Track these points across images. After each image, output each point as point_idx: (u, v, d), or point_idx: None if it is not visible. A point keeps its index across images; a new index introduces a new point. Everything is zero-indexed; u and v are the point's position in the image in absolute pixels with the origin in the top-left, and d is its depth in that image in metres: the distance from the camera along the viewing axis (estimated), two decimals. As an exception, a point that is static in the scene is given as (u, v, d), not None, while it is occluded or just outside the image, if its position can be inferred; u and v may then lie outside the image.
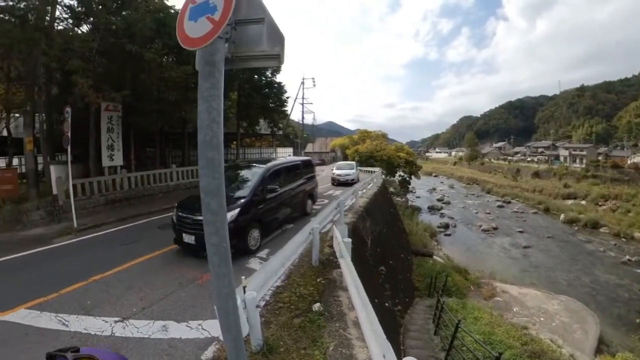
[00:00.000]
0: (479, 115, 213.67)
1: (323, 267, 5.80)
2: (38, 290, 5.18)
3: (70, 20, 12.95)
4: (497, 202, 46.32)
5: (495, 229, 32.35)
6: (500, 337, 9.75)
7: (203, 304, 4.56)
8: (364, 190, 15.15)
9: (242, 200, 6.60)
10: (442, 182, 70.33)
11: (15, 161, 16.72)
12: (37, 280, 5.86)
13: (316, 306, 4.37)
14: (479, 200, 48.38)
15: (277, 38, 1.93)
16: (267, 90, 23.90)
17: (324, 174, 33.25)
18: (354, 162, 23.34)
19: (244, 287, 3.06)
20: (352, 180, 18.48)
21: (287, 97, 26.55)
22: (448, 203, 45.54)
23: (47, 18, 11.24)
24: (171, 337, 3.86)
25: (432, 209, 41.30)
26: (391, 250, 12.88)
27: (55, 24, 12.00)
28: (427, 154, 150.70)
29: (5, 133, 16.49)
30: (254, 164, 8.32)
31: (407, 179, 37.32)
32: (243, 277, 3.08)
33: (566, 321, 14.07)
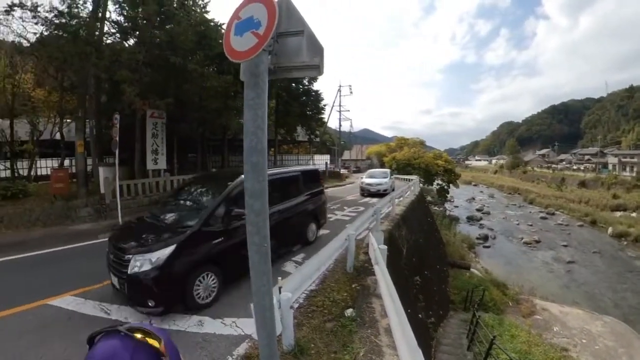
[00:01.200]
0: (520, 121, 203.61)
1: (357, 274, 5.81)
2: (83, 280, 5.63)
3: (118, 35, 14.11)
4: (540, 213, 43.46)
5: (537, 242, 30.40)
6: (537, 357, 9.25)
7: (237, 302, 4.71)
8: (401, 199, 15.00)
9: (184, 233, 4.52)
10: (481, 192, 67.27)
11: (67, 162, 18.31)
12: (82, 271, 6.36)
13: (349, 312, 4.39)
14: (520, 211, 45.77)
15: (317, 49, 2.02)
16: (304, 98, 24.46)
17: (359, 181, 33.08)
18: (388, 170, 21.19)
19: (280, 288, 3.15)
20: (385, 191, 16.81)
21: (324, 105, 27.09)
22: (488, 213, 43.47)
23: (97, 33, 12.34)
24: (205, 332, 4.03)
25: (470, 219, 39.57)
26: (427, 261, 12.55)
27: (104, 38, 13.13)
28: (466, 162, 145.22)
29: (58, 137, 18.10)
30: (229, 176, 5.95)
31: (446, 187, 36.27)
32: (279, 278, 3.18)
33: (611, 345, 12.92)
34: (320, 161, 35.09)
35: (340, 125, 44.48)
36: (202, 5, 17.00)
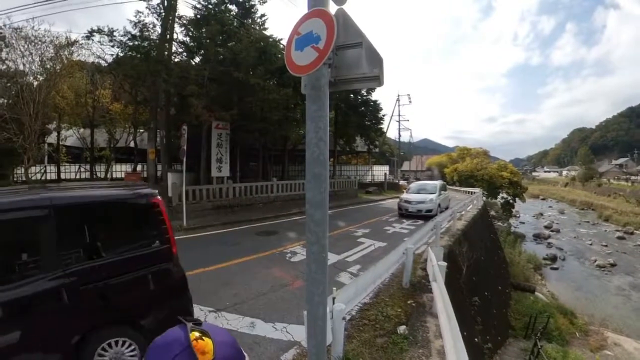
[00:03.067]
0: (593, 127, 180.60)
1: (414, 290, 5.60)
2: None
3: (185, 54, 15.48)
4: (617, 232, 38.10)
5: (612, 265, 26.67)
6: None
7: (291, 308, 4.78)
8: (463, 213, 14.30)
9: None
10: (550, 207, 61.11)
11: (139, 167, 20.32)
12: None
13: (401, 329, 4.23)
14: (594, 229, 40.68)
15: (376, 60, 2.02)
16: (363, 108, 24.49)
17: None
18: (438, 183, 16.07)
19: (334, 298, 3.15)
20: (429, 212, 13.02)
21: (383, 115, 26.76)
22: (557, 231, 39.21)
23: (166, 53, 13.67)
24: (256, 334, 4.13)
25: (537, 237, 35.97)
26: (488, 281, 11.73)
27: (173, 57, 14.48)
28: (533, 174, 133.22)
29: (132, 145, 20.24)
30: None
31: (511, 201, 33.67)
32: (334, 289, 3.18)
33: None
34: (379, 172, 34.64)
35: (399, 136, 43.59)
36: (260, 23, 18.05)
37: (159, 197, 3.27)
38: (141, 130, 19.84)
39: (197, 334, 0.79)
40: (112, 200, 3.16)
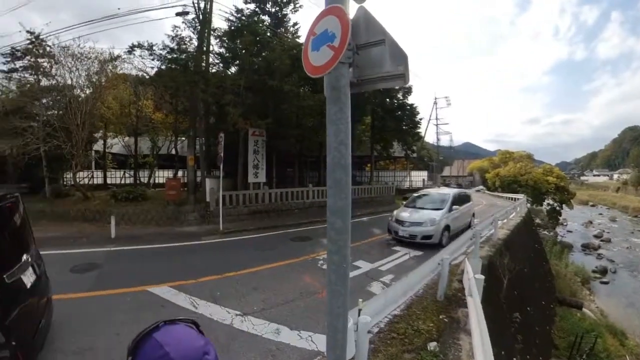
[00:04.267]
0: None
1: (448, 303, 5.29)
2: (181, 275, 6.36)
3: (221, 64, 16.05)
4: None
5: None
6: None
7: (318, 317, 4.70)
8: (505, 220, 13.48)
9: None
10: (601, 214, 56.10)
11: (179, 173, 21.24)
12: (182, 266, 7.22)
13: (432, 345, 3.98)
14: (650, 239, 36.80)
15: (400, 57, 1.91)
16: (399, 112, 24.17)
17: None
18: (451, 192, 11.16)
19: (360, 310, 3.01)
20: (427, 238, 9.03)
21: (420, 119, 26.21)
22: (608, 241, 35.86)
23: (203, 64, 14.20)
24: (280, 341, 4.10)
25: (586, 247, 33.16)
26: (531, 295, 10.93)
27: (210, 68, 15.00)
28: (581, 178, 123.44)
29: (173, 152, 21.23)
30: None
31: (557, 208, 31.57)
32: (360, 300, 3.04)
33: None
34: (418, 177, 34.00)
35: (437, 140, 42.54)
36: (293, 32, 18.40)
37: None
38: (182, 138, 20.80)
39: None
40: None
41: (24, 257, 3.40)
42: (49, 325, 3.81)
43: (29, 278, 3.37)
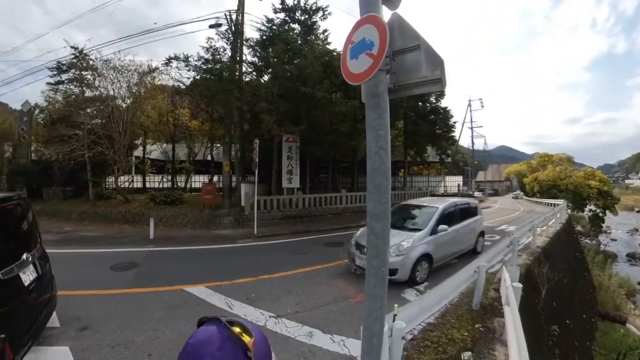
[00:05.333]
0: None
1: (484, 312, 5.12)
2: (217, 276, 6.58)
3: (254, 73, 16.55)
4: None
5: None
6: None
7: (351, 322, 4.69)
8: (544, 228, 12.88)
9: None
10: (648, 221, 51.88)
11: (215, 178, 22.00)
12: (218, 268, 7.49)
13: (466, 355, 3.86)
14: (703, 250, 33.18)
15: (436, 62, 1.92)
16: (432, 116, 23.85)
17: (496, 205, 29.74)
18: (439, 206, 7.57)
19: (395, 315, 3.00)
20: (393, 273, 6.00)
21: (454, 122, 25.77)
22: (656, 251, 32.99)
23: (237, 73, 14.71)
24: (313, 344, 4.12)
25: (632, 257, 30.53)
26: (571, 307, 10.30)
27: (243, 77, 15.51)
28: (626, 181, 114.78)
29: (209, 158, 22.06)
30: None
31: (600, 214, 29.59)
32: (396, 305, 3.03)
33: None
34: (452, 183, 33.08)
35: (472, 143, 41.02)
36: (323, 39, 18.64)
37: None
38: (217, 145, 21.60)
39: (238, 329, 0.77)
40: None
41: (24, 255, 3.58)
42: (47, 320, 4.00)
43: (28, 276, 3.57)
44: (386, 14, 2.02)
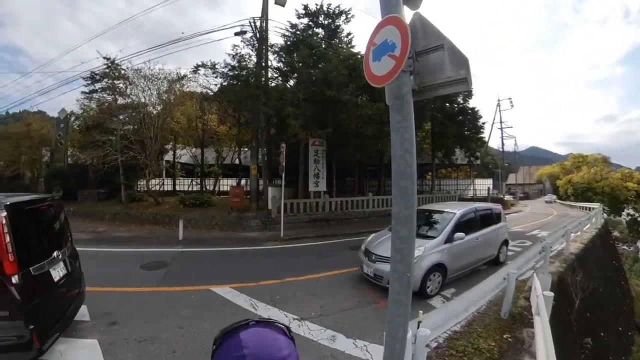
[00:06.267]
0: None
1: (512, 322, 4.91)
2: (243, 277, 6.70)
3: (280, 78, 16.74)
4: None
5: None
6: None
7: (374, 327, 4.64)
8: (578, 233, 12.28)
9: None
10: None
11: (243, 182, 22.49)
12: (244, 269, 7.63)
13: (493, 366, 3.71)
14: None
15: (461, 61, 1.87)
16: (460, 117, 23.19)
17: (527, 209, 28.51)
18: (455, 212, 6.99)
19: (419, 322, 2.93)
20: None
21: (483, 123, 24.78)
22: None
23: (263, 79, 14.94)
24: (336, 348, 4.11)
25: (674, 266, 28.33)
26: (605, 319, 9.66)
27: (269, 82, 15.74)
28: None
29: (237, 161, 22.57)
30: None
31: (639, 219, 27.58)
32: (420, 312, 2.97)
33: None
34: (482, 186, 31.92)
35: (502, 144, 39.37)
36: (347, 42, 18.64)
37: None
38: (245, 149, 22.06)
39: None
40: None
41: (55, 253, 3.85)
42: (75, 314, 4.28)
43: (58, 272, 3.83)
44: (407, 14, 2.00)
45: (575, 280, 7.04)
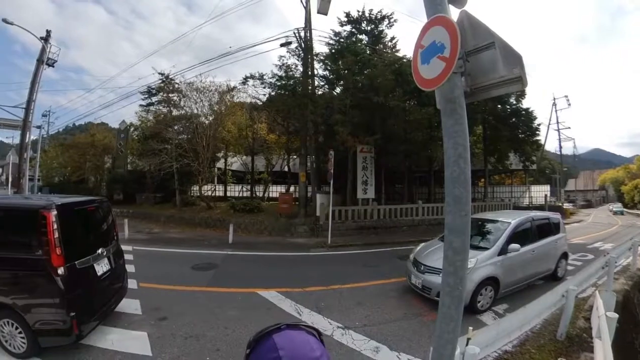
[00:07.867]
0: None
1: (570, 344, 4.41)
2: (289, 282, 6.78)
3: (326, 86, 16.94)
4: None
5: None
6: None
7: (420, 341, 4.46)
8: None
9: None
10: None
11: (291, 189, 22.97)
12: (291, 275, 7.71)
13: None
14: None
15: (514, 59, 1.75)
16: (513, 119, 21.55)
17: (589, 219, 25.79)
18: (511, 222, 6.45)
19: (468, 339, 2.74)
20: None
21: (538, 124, 22.76)
22: None
23: (309, 87, 15.24)
24: (378, 360, 3.97)
25: None
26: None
27: (316, 91, 15.99)
28: None
29: (286, 169, 23.17)
30: None
31: None
32: (470, 328, 2.77)
33: None
34: (539, 193, 29.26)
35: (560, 147, 35.77)
36: (391, 46, 18.38)
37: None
38: (293, 157, 22.55)
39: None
40: None
41: (100, 250, 4.24)
42: (115, 306, 4.62)
43: (102, 267, 4.24)
44: (454, 13, 1.93)
45: (644, 300, 6.17)
